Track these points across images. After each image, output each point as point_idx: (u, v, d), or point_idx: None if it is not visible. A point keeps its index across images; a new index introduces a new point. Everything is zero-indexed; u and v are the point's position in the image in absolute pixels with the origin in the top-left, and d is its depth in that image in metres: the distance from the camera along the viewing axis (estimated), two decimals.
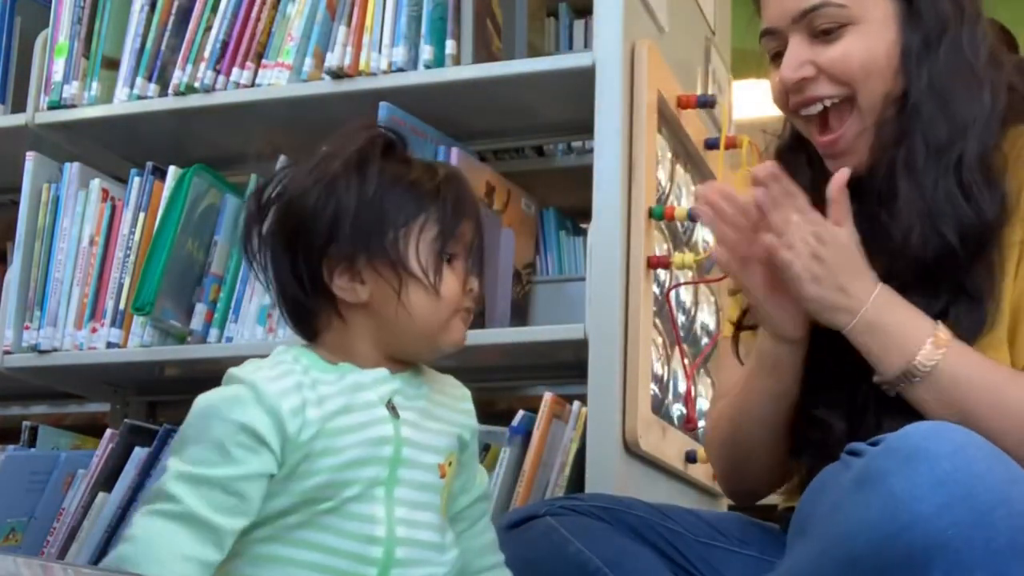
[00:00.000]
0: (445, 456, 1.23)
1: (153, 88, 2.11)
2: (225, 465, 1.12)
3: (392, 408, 1.20)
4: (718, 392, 1.58)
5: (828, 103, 1.33)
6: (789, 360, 1.34)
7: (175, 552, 1.09)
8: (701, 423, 1.96)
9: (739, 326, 1.46)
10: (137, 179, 2.09)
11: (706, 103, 2.02)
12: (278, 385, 1.15)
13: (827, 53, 1.32)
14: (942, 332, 1.24)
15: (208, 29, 2.08)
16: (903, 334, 1.24)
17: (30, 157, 2.15)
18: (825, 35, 1.32)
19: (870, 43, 1.31)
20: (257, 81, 2.03)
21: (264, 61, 2.04)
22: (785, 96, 1.36)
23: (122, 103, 2.13)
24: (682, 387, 1.95)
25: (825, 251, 1.25)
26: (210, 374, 1.33)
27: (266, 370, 1.18)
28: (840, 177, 1.28)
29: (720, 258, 1.33)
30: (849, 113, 1.33)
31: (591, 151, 1.87)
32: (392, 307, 1.20)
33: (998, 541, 0.97)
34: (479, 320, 1.89)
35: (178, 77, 2.07)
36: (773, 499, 1.49)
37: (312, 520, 1.15)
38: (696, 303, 2.06)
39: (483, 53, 1.98)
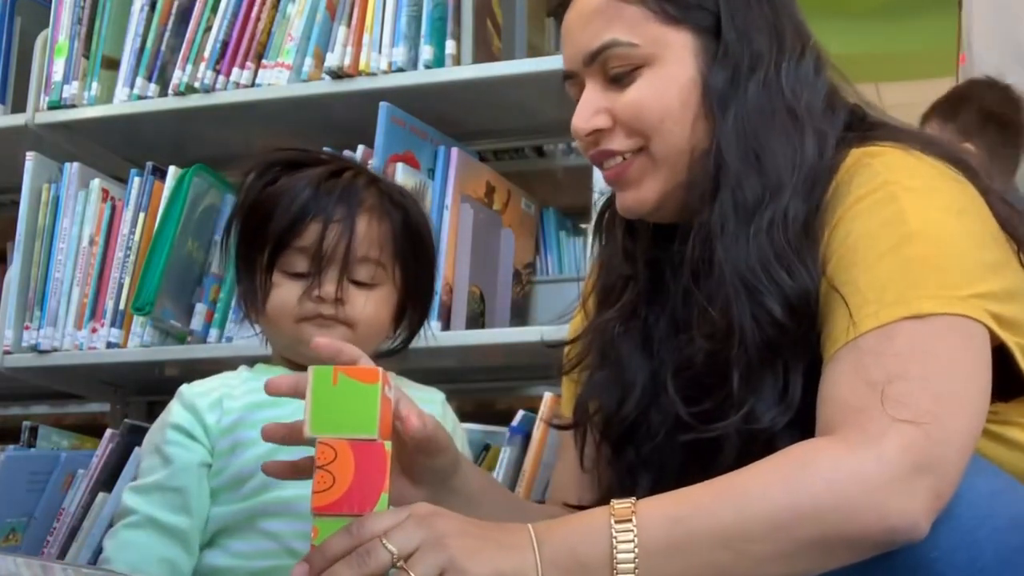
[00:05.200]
0: None
1: (153, 88, 2.11)
2: (164, 467, 1.22)
3: None
4: (554, 486, 1.39)
5: (628, 157, 1.16)
6: None
7: (149, 556, 1.17)
8: None
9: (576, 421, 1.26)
10: (137, 179, 2.09)
11: None
12: (200, 387, 1.27)
13: (621, 100, 1.15)
14: (619, 504, 0.96)
15: (208, 29, 2.08)
16: (579, 539, 0.95)
17: (30, 157, 2.15)
18: (618, 81, 1.15)
19: (664, 85, 1.14)
20: (257, 81, 2.03)
21: (264, 61, 2.04)
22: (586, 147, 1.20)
23: (122, 103, 2.13)
24: None
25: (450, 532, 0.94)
26: (210, 374, 1.33)
27: (205, 380, 1.29)
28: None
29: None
30: (650, 170, 1.16)
31: None
32: (257, 316, 1.30)
33: (983, 559, 0.96)
34: (479, 320, 1.89)
35: (178, 77, 2.07)
36: None
37: (263, 514, 1.20)
38: None
39: (483, 53, 1.98)
